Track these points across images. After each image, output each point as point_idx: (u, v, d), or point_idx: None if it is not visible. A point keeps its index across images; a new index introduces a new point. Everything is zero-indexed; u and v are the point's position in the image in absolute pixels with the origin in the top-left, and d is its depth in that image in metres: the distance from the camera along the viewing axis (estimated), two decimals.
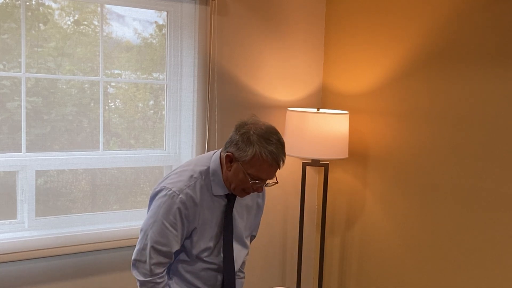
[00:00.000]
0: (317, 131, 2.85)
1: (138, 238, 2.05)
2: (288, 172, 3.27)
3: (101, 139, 2.72)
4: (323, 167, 3.05)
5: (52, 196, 2.65)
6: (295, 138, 2.91)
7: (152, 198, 2.04)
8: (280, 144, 1.96)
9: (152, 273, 1.97)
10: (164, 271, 2.03)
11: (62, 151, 2.64)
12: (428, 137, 2.75)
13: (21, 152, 2.53)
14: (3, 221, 2.52)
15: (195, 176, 2.02)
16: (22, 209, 2.56)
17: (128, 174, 2.85)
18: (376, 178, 3.05)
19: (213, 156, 2.09)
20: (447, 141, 2.66)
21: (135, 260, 2.01)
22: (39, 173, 2.59)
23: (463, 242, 2.62)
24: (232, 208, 2.10)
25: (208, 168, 2.05)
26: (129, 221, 2.80)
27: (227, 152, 1.98)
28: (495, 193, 2.48)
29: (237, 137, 1.96)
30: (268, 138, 1.93)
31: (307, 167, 3.08)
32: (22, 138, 2.52)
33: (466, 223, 2.60)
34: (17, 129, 2.51)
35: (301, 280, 3.19)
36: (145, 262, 1.98)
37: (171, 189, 1.97)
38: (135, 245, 2.05)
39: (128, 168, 2.84)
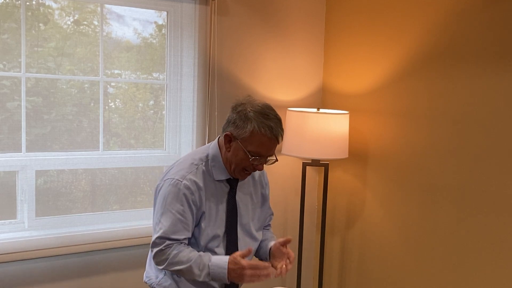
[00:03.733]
0: (317, 131, 2.85)
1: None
2: (288, 172, 3.28)
3: (101, 139, 2.72)
4: (323, 167, 3.05)
5: (52, 196, 2.65)
6: (295, 138, 2.91)
7: (156, 194, 2.04)
8: (278, 119, 1.97)
9: (167, 256, 1.94)
10: (174, 245, 1.96)
11: (62, 151, 2.63)
12: (428, 137, 2.75)
13: (21, 152, 2.53)
14: (3, 221, 2.52)
15: (195, 163, 2.03)
16: (22, 209, 2.56)
17: (128, 174, 2.85)
18: (376, 178, 3.05)
19: (212, 143, 2.10)
20: (447, 141, 2.66)
21: (154, 260, 1.98)
22: (39, 173, 2.58)
23: (463, 242, 2.62)
24: (235, 195, 2.08)
25: (208, 155, 2.05)
26: (129, 221, 2.80)
27: (226, 132, 1.99)
28: (495, 192, 2.48)
29: (234, 115, 1.97)
30: (265, 113, 1.95)
31: (307, 167, 3.08)
32: (22, 138, 2.52)
33: (465, 223, 2.60)
34: (17, 129, 2.51)
35: (301, 280, 3.19)
36: (159, 253, 1.94)
37: (173, 179, 1.97)
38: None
39: (128, 168, 2.84)
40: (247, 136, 1.93)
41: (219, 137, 2.08)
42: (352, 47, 3.16)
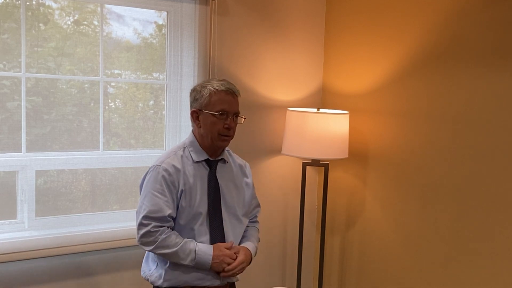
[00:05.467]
0: (317, 131, 2.85)
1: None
2: (288, 172, 3.28)
3: (101, 139, 2.72)
4: (323, 167, 3.05)
5: (52, 196, 2.65)
6: (295, 138, 2.91)
7: (142, 182, 2.20)
8: (228, 82, 2.20)
9: (155, 239, 2.08)
10: (162, 229, 2.09)
11: (62, 151, 2.64)
12: (428, 137, 2.75)
13: (21, 152, 2.53)
14: (3, 221, 2.52)
15: (174, 150, 2.22)
16: (22, 209, 2.56)
17: (128, 174, 2.85)
18: (376, 178, 3.05)
19: (187, 136, 2.29)
20: (447, 141, 2.66)
21: (139, 241, 2.11)
22: (39, 173, 2.58)
23: (463, 241, 2.62)
24: (215, 174, 2.21)
25: (185, 143, 2.24)
26: (129, 221, 2.79)
27: (191, 110, 2.19)
28: (494, 192, 2.48)
29: (193, 94, 2.21)
30: (218, 79, 2.21)
31: (307, 167, 3.08)
32: (22, 138, 2.52)
33: (465, 223, 2.60)
34: (17, 129, 2.51)
35: (301, 280, 3.19)
36: (146, 234, 2.08)
37: (153, 166, 2.16)
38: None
39: (128, 168, 2.84)
40: (207, 100, 2.13)
41: (192, 130, 2.25)
42: (352, 47, 3.16)
